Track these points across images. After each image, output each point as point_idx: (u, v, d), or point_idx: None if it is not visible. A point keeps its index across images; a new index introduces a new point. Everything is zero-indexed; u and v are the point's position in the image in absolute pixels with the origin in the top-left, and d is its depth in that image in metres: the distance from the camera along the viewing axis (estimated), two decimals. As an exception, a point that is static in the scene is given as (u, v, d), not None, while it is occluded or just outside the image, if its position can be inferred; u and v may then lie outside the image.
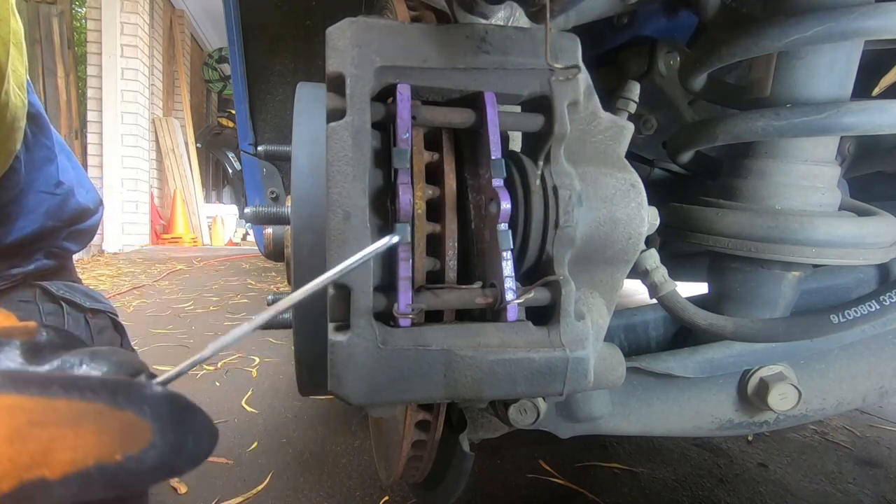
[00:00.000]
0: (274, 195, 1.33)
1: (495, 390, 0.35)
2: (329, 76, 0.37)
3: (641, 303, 0.70)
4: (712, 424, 0.64)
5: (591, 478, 0.95)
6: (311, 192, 0.52)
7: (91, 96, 5.64)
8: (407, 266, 0.35)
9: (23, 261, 0.72)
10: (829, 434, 1.18)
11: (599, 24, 0.88)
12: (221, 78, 8.21)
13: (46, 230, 0.73)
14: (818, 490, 0.94)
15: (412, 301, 0.35)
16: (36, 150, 0.72)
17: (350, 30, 0.36)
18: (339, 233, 0.34)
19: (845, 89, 0.56)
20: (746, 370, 0.62)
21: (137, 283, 3.26)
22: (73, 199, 0.77)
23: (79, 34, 6.28)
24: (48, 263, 0.74)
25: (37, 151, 0.72)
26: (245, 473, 0.94)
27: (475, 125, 0.40)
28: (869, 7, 0.49)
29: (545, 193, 0.40)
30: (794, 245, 0.55)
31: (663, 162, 0.91)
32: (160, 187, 6.66)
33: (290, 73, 1.28)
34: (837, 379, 0.64)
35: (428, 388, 0.35)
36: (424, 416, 0.48)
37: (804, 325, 0.57)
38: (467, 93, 0.40)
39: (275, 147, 0.62)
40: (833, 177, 0.59)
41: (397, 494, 0.87)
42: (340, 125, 0.35)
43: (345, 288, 0.34)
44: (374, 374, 0.34)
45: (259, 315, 0.29)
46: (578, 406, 0.60)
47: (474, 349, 0.35)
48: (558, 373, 0.36)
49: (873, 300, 0.56)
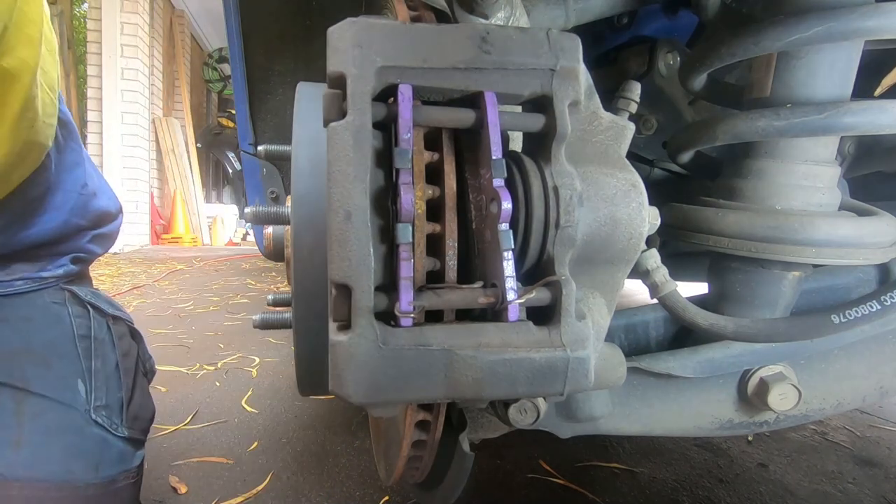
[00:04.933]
0: (274, 195, 1.33)
1: (496, 390, 0.35)
2: (330, 76, 0.37)
3: (642, 303, 0.70)
4: (712, 424, 0.64)
5: (591, 478, 0.95)
6: (311, 192, 0.52)
7: (91, 96, 5.64)
8: (408, 266, 0.35)
9: (49, 263, 0.74)
10: (829, 434, 1.18)
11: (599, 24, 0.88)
12: (221, 78, 8.21)
13: (71, 227, 0.75)
14: (818, 490, 0.94)
15: (413, 301, 0.35)
16: (66, 152, 0.75)
17: (351, 30, 0.36)
18: (341, 233, 0.34)
19: (845, 89, 0.56)
20: (746, 370, 0.62)
21: (137, 283, 3.26)
22: (97, 202, 0.79)
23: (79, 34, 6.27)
24: (74, 269, 0.77)
25: (66, 154, 0.75)
26: (245, 473, 0.94)
27: (476, 125, 0.39)
28: (869, 7, 0.49)
29: (546, 193, 0.40)
30: (795, 245, 0.55)
31: (663, 162, 0.91)
32: (160, 187, 6.66)
33: (290, 73, 1.28)
34: (837, 379, 0.64)
35: (429, 388, 0.35)
36: (424, 415, 0.48)
37: (804, 325, 0.57)
38: (468, 93, 0.40)
39: (275, 147, 0.62)
40: (833, 177, 0.59)
41: (397, 494, 0.87)
42: (341, 125, 0.35)
43: (346, 288, 0.34)
44: (376, 374, 0.34)
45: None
46: (578, 406, 0.60)
47: (475, 349, 0.35)
48: (559, 373, 0.36)
49: (874, 300, 0.56)
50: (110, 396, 0.72)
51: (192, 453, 1.01)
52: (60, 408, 0.67)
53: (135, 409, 0.75)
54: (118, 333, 0.78)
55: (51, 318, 0.72)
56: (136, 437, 0.74)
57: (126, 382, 0.75)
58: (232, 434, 1.10)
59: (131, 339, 0.82)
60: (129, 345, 0.80)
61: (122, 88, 5.64)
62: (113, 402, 0.72)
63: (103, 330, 0.76)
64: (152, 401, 0.83)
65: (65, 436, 0.66)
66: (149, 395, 0.82)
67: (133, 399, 0.76)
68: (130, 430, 0.73)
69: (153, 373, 0.87)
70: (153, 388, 1.33)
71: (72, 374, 0.70)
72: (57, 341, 0.71)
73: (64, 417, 0.67)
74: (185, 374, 1.49)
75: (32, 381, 0.66)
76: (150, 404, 0.82)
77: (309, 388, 0.58)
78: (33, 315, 0.71)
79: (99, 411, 0.70)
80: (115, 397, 0.73)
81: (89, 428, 0.68)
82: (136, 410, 0.76)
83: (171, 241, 6.55)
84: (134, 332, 0.83)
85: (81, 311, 0.75)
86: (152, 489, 0.88)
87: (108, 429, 0.70)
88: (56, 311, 0.73)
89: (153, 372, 0.87)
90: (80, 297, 0.76)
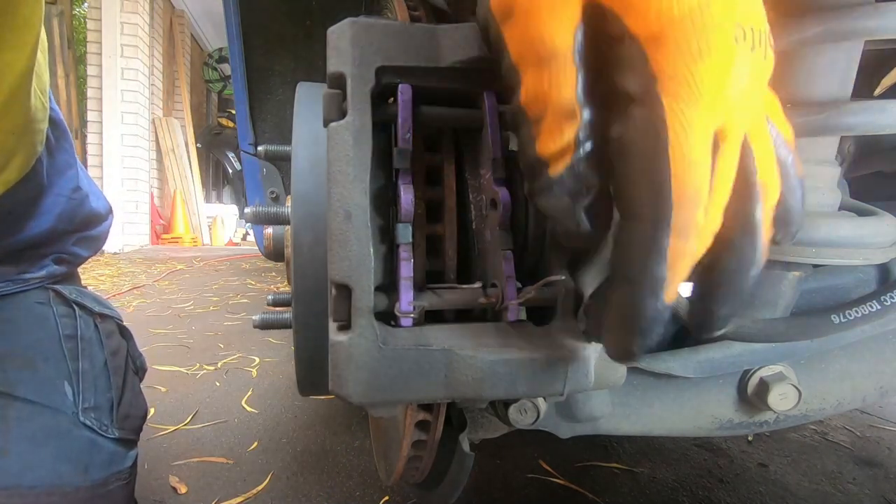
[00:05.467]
0: (274, 195, 1.33)
1: (496, 390, 0.35)
2: (330, 76, 0.37)
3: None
4: (712, 424, 0.64)
5: (591, 478, 0.95)
6: (311, 192, 0.52)
7: (91, 96, 5.64)
8: (408, 266, 0.36)
9: (32, 266, 0.73)
10: (829, 434, 1.18)
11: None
12: (221, 78, 8.21)
13: (56, 233, 0.74)
14: (818, 490, 0.94)
15: (413, 301, 0.35)
16: (57, 154, 0.73)
17: (351, 30, 0.36)
18: (341, 233, 0.34)
19: (845, 89, 0.56)
20: (746, 370, 0.62)
21: (137, 283, 3.26)
22: (87, 205, 0.78)
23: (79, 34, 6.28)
24: (59, 270, 0.76)
25: (58, 156, 0.73)
26: (245, 473, 0.94)
27: (476, 125, 0.40)
28: (869, 7, 0.49)
29: (545, 193, 0.40)
30: (795, 245, 0.55)
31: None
32: (160, 187, 6.66)
33: (290, 73, 1.29)
34: (837, 379, 0.64)
35: (429, 388, 0.35)
36: (424, 415, 0.49)
37: (804, 325, 0.57)
38: (468, 92, 0.40)
39: (275, 147, 0.62)
40: (833, 177, 0.59)
41: (397, 494, 0.87)
42: (341, 125, 0.35)
43: (346, 288, 0.34)
44: (375, 374, 0.34)
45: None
46: (578, 406, 0.60)
47: (475, 349, 0.35)
48: (559, 373, 0.36)
49: (874, 300, 0.56)
50: (99, 397, 0.70)
51: (192, 453, 1.01)
52: (47, 412, 0.65)
53: (125, 408, 0.74)
54: (106, 332, 0.76)
55: (35, 319, 0.70)
56: (127, 437, 0.72)
57: (115, 382, 0.74)
58: (232, 434, 1.10)
59: (120, 336, 0.80)
60: (118, 343, 0.78)
61: (122, 88, 5.64)
62: (102, 403, 0.70)
63: (90, 329, 0.74)
64: (144, 399, 0.81)
65: (52, 440, 0.64)
66: (140, 394, 0.80)
67: (123, 398, 0.74)
68: (121, 431, 0.71)
69: (144, 370, 0.85)
70: (153, 387, 1.34)
71: (58, 376, 0.68)
72: (42, 343, 0.69)
73: (51, 421, 0.65)
74: (185, 374, 1.49)
75: (17, 385, 0.64)
76: (142, 403, 0.80)
77: (309, 388, 0.58)
78: (16, 317, 0.69)
79: (87, 413, 0.68)
80: (105, 398, 0.71)
81: (77, 431, 0.66)
82: (127, 410, 0.74)
83: (171, 241, 6.55)
84: (123, 329, 0.82)
85: (67, 311, 0.73)
86: (152, 489, 0.88)
87: (97, 430, 0.68)
88: (40, 311, 0.71)
89: (144, 369, 0.85)
90: (65, 296, 0.74)
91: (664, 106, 0.25)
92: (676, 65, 0.24)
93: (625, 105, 0.26)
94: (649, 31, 0.25)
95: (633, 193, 0.26)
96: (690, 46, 0.24)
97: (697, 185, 0.25)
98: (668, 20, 0.24)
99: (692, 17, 0.24)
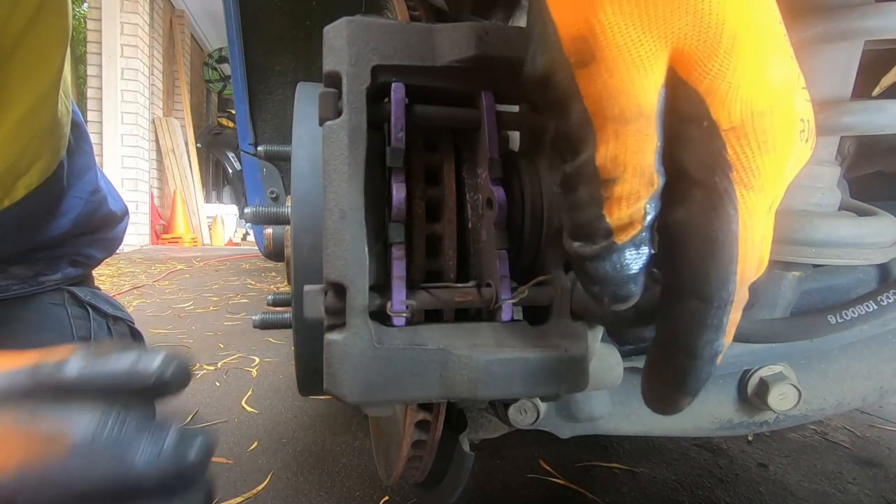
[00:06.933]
0: (274, 195, 1.33)
1: (491, 390, 0.35)
2: (326, 75, 0.36)
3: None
4: (712, 424, 0.64)
5: (591, 478, 0.94)
6: (310, 192, 0.52)
7: (91, 96, 5.65)
8: (401, 265, 0.35)
9: (48, 268, 0.73)
10: (829, 434, 1.17)
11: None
12: (221, 78, 8.21)
13: (73, 235, 0.74)
14: (818, 490, 0.93)
15: (406, 300, 0.35)
16: (77, 157, 0.73)
17: (347, 28, 0.36)
18: (336, 232, 0.34)
19: (845, 89, 0.56)
20: (746, 370, 0.62)
21: (137, 282, 3.26)
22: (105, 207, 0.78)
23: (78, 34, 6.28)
24: (74, 272, 0.76)
25: (78, 158, 0.73)
26: (245, 473, 0.94)
27: (474, 125, 0.39)
28: (869, 7, 0.49)
29: (541, 193, 0.40)
30: (794, 245, 0.55)
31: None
32: (160, 187, 6.67)
33: (290, 73, 1.29)
34: (837, 379, 0.64)
35: (424, 388, 0.35)
36: (424, 415, 0.48)
37: (801, 325, 0.57)
38: (466, 92, 0.39)
39: (275, 147, 0.62)
40: (833, 177, 0.59)
41: (397, 494, 0.87)
42: (337, 124, 0.35)
43: (341, 287, 0.34)
44: (370, 373, 0.34)
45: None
46: (578, 406, 0.59)
47: (470, 348, 0.35)
48: (554, 373, 0.36)
49: (871, 300, 0.55)
50: None
51: (192, 453, 1.01)
52: None
53: None
54: (118, 334, 0.77)
55: (49, 320, 0.71)
56: None
57: None
58: (232, 434, 1.10)
59: (132, 339, 0.81)
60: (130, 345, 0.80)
61: (122, 88, 5.64)
62: None
63: (103, 331, 0.75)
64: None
65: None
66: None
67: None
68: None
69: None
70: (153, 387, 1.33)
71: None
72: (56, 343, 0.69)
73: None
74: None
75: None
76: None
77: (309, 388, 0.58)
78: (31, 318, 0.70)
79: None
80: None
81: None
82: None
83: (171, 241, 6.56)
84: (135, 331, 0.83)
85: (81, 312, 0.74)
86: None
87: None
88: (55, 312, 0.72)
89: None
90: (79, 297, 0.75)
91: (736, 194, 0.25)
92: (753, 157, 0.25)
93: (686, 185, 0.26)
94: (731, 122, 0.25)
95: (695, 275, 0.27)
96: (767, 141, 0.25)
97: (755, 265, 0.27)
98: (750, 114, 0.25)
99: (771, 113, 0.25)
